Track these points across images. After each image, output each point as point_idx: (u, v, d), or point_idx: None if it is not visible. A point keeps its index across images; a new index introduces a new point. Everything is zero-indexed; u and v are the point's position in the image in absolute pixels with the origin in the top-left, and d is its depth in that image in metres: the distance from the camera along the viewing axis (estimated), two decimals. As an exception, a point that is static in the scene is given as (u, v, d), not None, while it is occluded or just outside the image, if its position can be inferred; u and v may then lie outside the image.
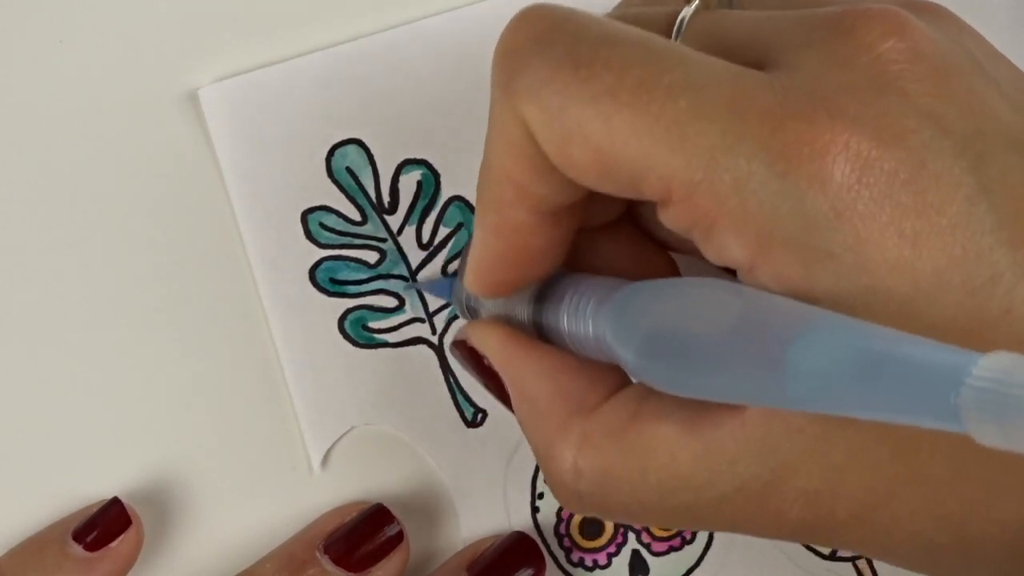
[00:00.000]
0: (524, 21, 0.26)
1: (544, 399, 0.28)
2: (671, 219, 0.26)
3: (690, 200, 0.25)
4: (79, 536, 0.34)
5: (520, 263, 0.28)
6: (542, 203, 0.27)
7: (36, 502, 0.35)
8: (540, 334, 0.30)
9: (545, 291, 0.29)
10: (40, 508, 0.35)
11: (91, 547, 0.34)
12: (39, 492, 0.35)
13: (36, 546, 0.34)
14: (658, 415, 0.27)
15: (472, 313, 0.32)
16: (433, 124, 0.36)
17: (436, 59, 0.36)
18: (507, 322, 0.30)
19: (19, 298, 0.36)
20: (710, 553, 0.37)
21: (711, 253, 0.25)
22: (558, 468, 0.28)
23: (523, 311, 0.30)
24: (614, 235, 0.31)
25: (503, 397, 0.30)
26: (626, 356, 0.26)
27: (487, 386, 0.30)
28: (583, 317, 0.28)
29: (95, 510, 0.35)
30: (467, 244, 0.29)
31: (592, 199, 0.27)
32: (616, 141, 0.25)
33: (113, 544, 0.34)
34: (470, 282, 0.29)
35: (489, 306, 0.31)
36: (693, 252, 0.27)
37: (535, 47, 0.25)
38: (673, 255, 0.31)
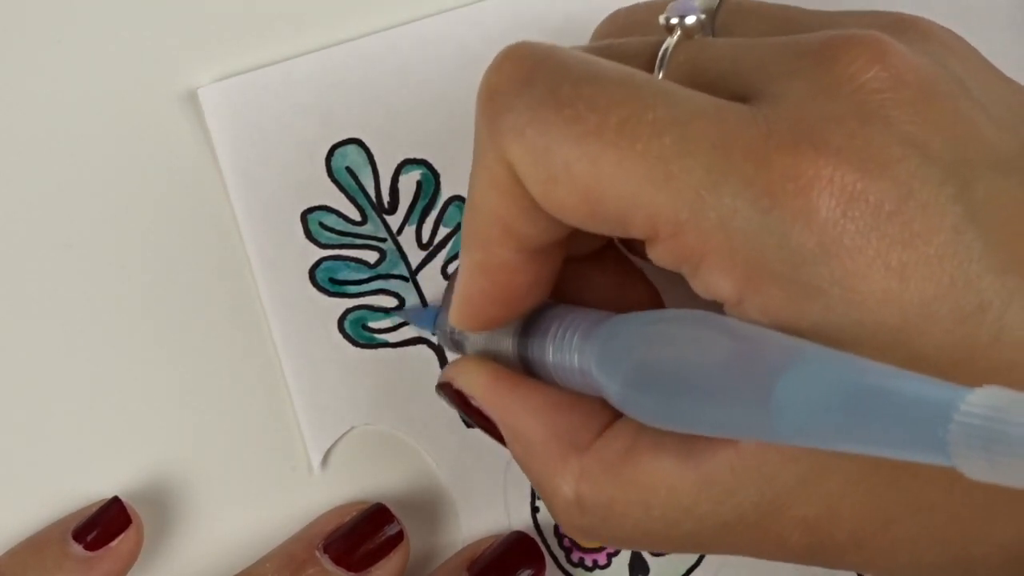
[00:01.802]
0: (507, 60, 0.26)
1: (538, 439, 0.28)
2: (659, 256, 0.26)
3: (677, 238, 0.25)
4: (79, 535, 0.34)
5: (506, 300, 0.28)
6: (528, 241, 0.27)
7: (36, 502, 0.35)
8: (525, 367, 0.30)
9: (530, 323, 0.29)
10: (40, 508, 0.35)
11: (91, 546, 0.34)
12: (39, 492, 0.36)
13: (36, 546, 0.34)
14: (654, 448, 0.27)
15: (456, 345, 0.32)
16: (433, 124, 0.36)
17: (436, 59, 0.36)
18: (492, 356, 0.30)
19: (19, 298, 0.36)
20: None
21: (699, 288, 0.26)
22: (561, 505, 0.28)
23: (508, 344, 0.30)
24: (599, 264, 0.31)
25: (495, 435, 0.30)
26: (611, 389, 0.26)
27: (478, 425, 0.30)
28: (568, 350, 0.28)
29: (95, 509, 0.35)
30: (452, 278, 0.29)
31: (577, 232, 0.27)
32: (602, 181, 0.25)
33: (113, 543, 0.34)
34: (456, 318, 0.29)
35: (474, 338, 0.31)
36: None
37: (519, 87, 0.25)
38: (661, 285, 0.32)
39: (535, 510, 0.37)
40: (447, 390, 0.31)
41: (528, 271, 0.28)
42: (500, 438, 0.30)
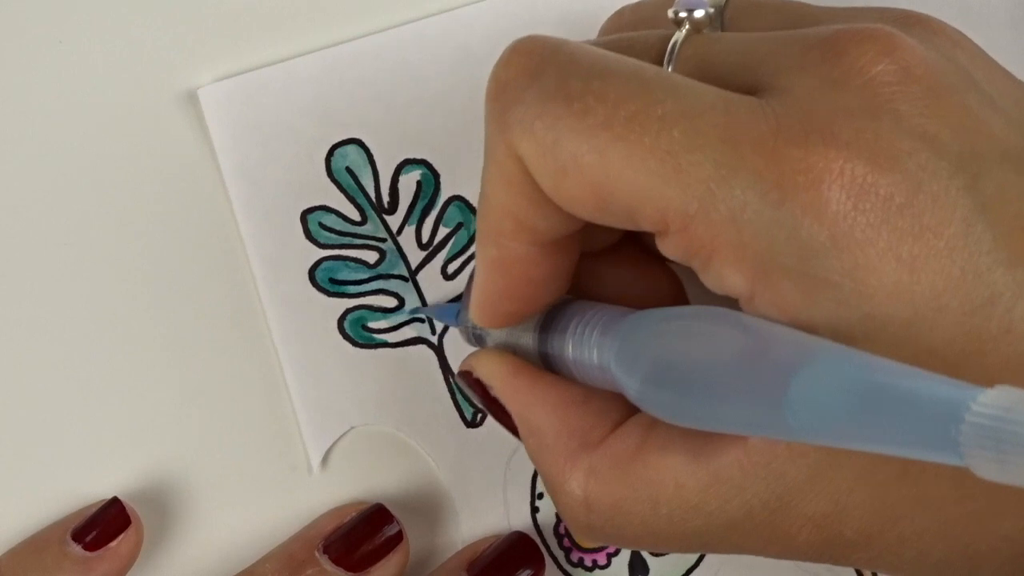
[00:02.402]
0: (516, 54, 0.26)
1: (550, 434, 0.29)
2: (669, 249, 0.26)
3: (687, 231, 0.25)
4: (78, 536, 0.34)
5: (523, 294, 0.28)
6: (541, 235, 0.27)
7: (36, 502, 0.35)
8: (545, 362, 0.30)
9: (550, 319, 0.29)
10: (40, 508, 0.35)
11: (90, 547, 0.34)
12: (39, 492, 0.35)
13: (36, 546, 0.34)
14: (663, 445, 0.27)
15: (478, 340, 0.32)
16: (433, 124, 0.36)
17: (436, 59, 0.36)
18: (512, 350, 0.30)
19: (19, 298, 0.36)
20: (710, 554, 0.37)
21: (711, 282, 0.26)
22: (569, 502, 0.28)
23: (528, 339, 0.30)
24: (617, 258, 0.31)
25: (510, 427, 0.30)
26: (630, 385, 0.26)
27: (494, 416, 0.30)
28: (588, 345, 0.28)
29: (94, 510, 0.35)
30: (471, 274, 0.29)
31: (591, 225, 0.27)
32: (611, 174, 0.25)
33: (112, 544, 0.34)
34: (475, 314, 0.29)
35: (494, 334, 0.31)
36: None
37: (528, 80, 0.26)
38: (679, 274, 0.31)
39: (535, 510, 0.37)
40: (467, 379, 0.31)
41: (543, 265, 0.28)
42: (515, 430, 0.30)
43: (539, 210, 0.26)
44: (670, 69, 0.27)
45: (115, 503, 0.35)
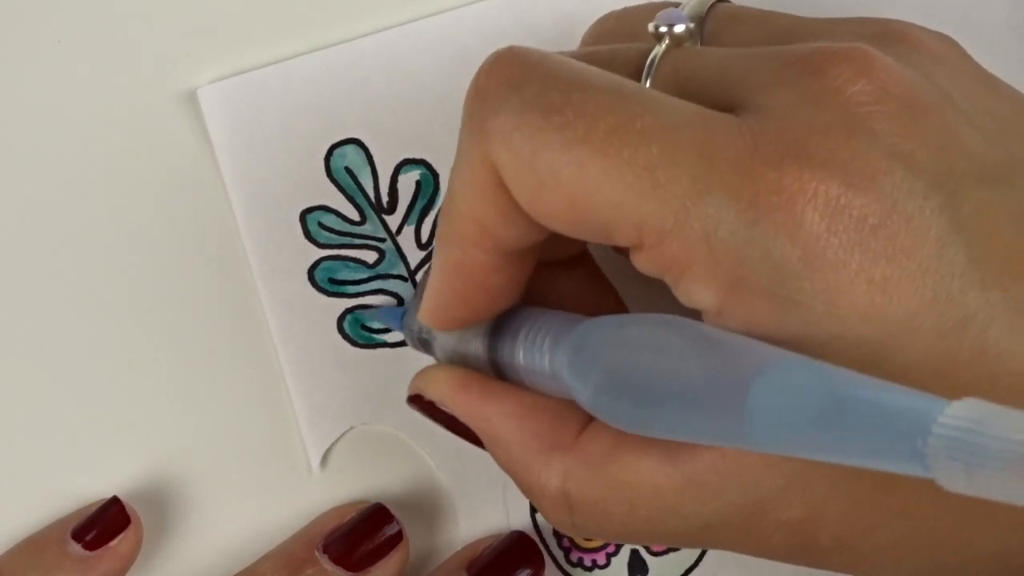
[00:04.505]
0: (497, 64, 0.26)
1: (517, 444, 0.28)
2: (643, 264, 0.26)
3: (661, 247, 0.25)
4: (78, 535, 0.34)
5: (477, 300, 0.28)
6: (505, 244, 0.27)
7: (36, 502, 0.36)
8: (495, 370, 0.29)
9: (500, 325, 0.29)
10: (40, 508, 0.35)
11: (90, 546, 0.34)
12: (39, 492, 0.36)
13: (35, 545, 0.35)
14: (638, 446, 0.27)
15: (424, 345, 0.32)
16: (432, 124, 0.36)
17: (435, 59, 0.36)
18: (460, 358, 0.30)
19: (18, 298, 0.36)
20: (709, 553, 0.37)
21: (681, 296, 0.26)
22: (549, 505, 0.28)
23: (477, 345, 0.30)
24: (570, 271, 0.31)
25: (474, 441, 0.30)
26: (583, 394, 0.26)
27: (455, 433, 0.30)
28: (539, 352, 0.28)
29: (94, 509, 0.35)
30: (423, 277, 0.29)
31: (553, 237, 0.27)
32: (589, 188, 0.25)
33: (112, 543, 0.34)
34: (426, 316, 0.29)
35: (442, 339, 0.31)
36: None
37: (507, 91, 0.25)
38: (631, 300, 0.31)
39: (534, 510, 0.37)
40: (418, 403, 0.31)
41: (502, 273, 0.28)
42: (479, 443, 0.30)
43: (507, 220, 0.26)
44: (648, 84, 0.27)
45: (115, 502, 0.35)
